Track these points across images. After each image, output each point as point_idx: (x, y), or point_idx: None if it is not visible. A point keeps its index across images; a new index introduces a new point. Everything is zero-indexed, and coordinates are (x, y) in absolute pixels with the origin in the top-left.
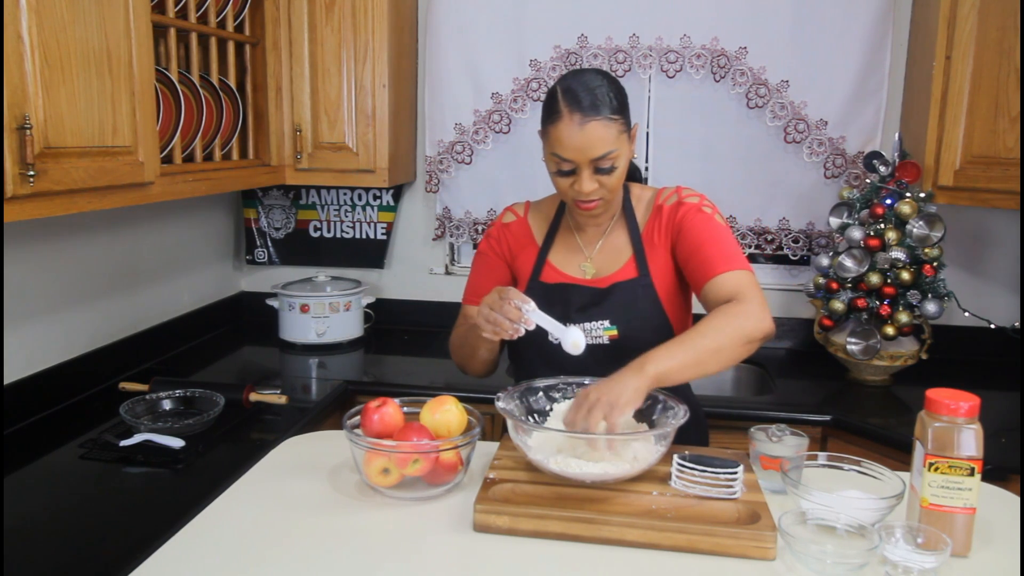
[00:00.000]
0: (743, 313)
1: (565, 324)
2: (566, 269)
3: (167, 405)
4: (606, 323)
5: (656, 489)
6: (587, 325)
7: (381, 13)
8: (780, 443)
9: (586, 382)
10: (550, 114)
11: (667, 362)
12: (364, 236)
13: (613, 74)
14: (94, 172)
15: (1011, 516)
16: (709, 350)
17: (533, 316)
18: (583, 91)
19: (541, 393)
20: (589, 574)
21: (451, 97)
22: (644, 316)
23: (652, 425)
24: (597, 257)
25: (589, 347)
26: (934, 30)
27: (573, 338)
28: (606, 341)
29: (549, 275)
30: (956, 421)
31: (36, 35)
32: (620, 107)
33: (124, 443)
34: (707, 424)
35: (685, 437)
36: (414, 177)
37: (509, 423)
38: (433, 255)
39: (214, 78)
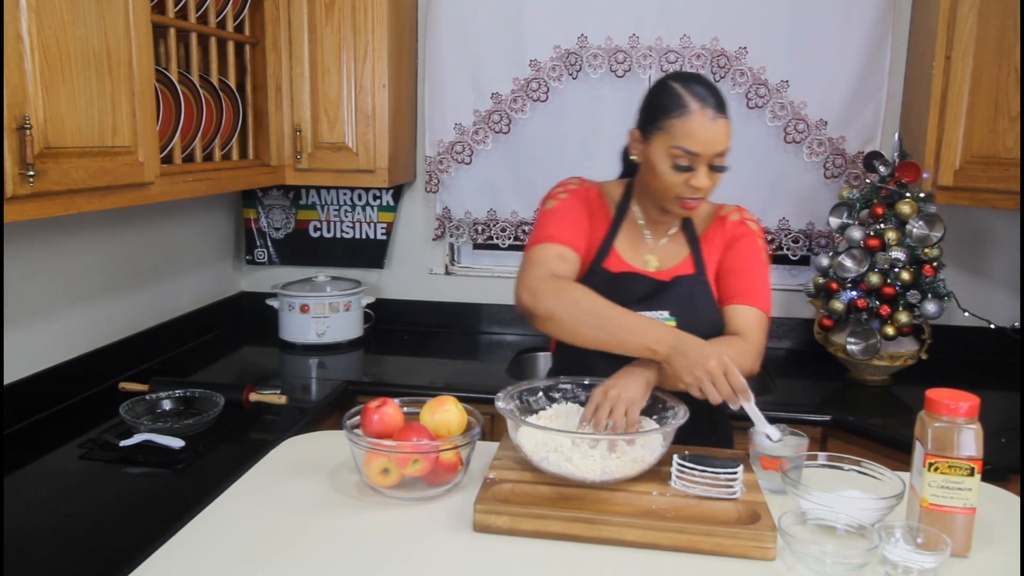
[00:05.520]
0: (743, 353)
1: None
2: (630, 259)
3: (167, 405)
4: (665, 314)
5: (656, 489)
6: (646, 314)
7: (381, 13)
8: (780, 443)
9: (585, 382)
10: (675, 107)
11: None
12: (364, 236)
13: (614, 74)
14: (94, 172)
15: (1011, 516)
16: None
17: (746, 406)
18: (708, 89)
19: (541, 393)
20: (589, 574)
21: (451, 97)
22: (701, 311)
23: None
24: (659, 251)
25: None
26: (934, 30)
27: (767, 430)
28: None
29: (613, 263)
30: (956, 421)
31: (36, 35)
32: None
33: (124, 443)
34: (731, 425)
35: (702, 439)
36: (414, 177)
37: (509, 423)
38: (433, 255)
39: (214, 78)
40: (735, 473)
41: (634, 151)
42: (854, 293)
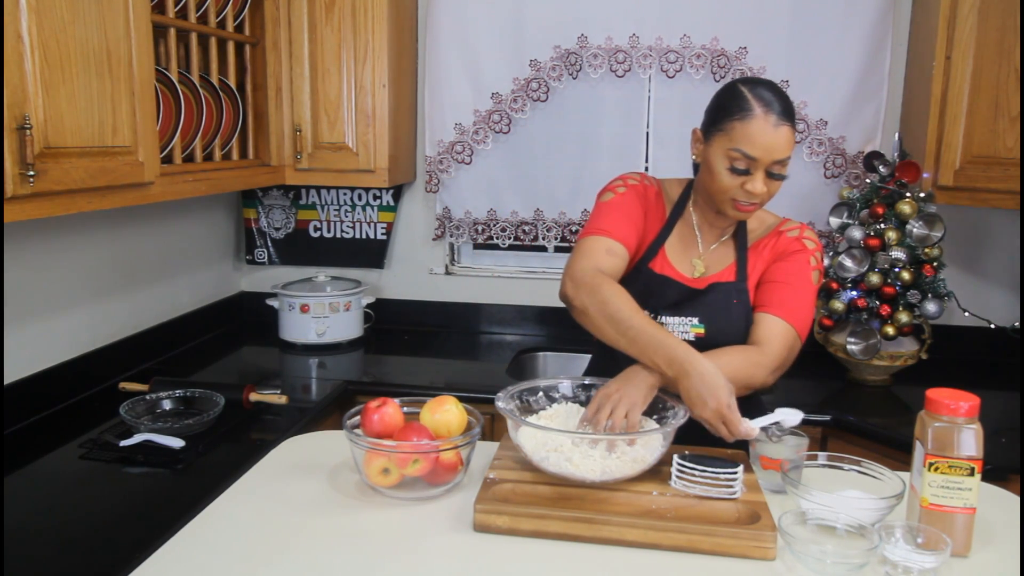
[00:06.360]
0: (756, 364)
1: (657, 319)
2: (675, 262)
3: (167, 405)
4: (694, 321)
5: (656, 489)
6: (674, 319)
7: (381, 13)
8: (780, 443)
9: (586, 382)
10: (738, 110)
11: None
12: (364, 236)
13: (614, 74)
14: (94, 172)
15: (1011, 516)
16: None
17: (756, 425)
18: (775, 95)
19: (541, 393)
20: (589, 574)
21: (451, 97)
22: (733, 319)
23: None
24: (708, 255)
25: None
26: (934, 30)
27: (784, 416)
28: (692, 339)
29: (659, 264)
30: (956, 421)
31: (36, 35)
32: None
33: (124, 443)
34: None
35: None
36: (414, 177)
37: (509, 423)
38: (433, 255)
39: (214, 78)
40: (735, 473)
41: (694, 151)
42: (854, 293)
